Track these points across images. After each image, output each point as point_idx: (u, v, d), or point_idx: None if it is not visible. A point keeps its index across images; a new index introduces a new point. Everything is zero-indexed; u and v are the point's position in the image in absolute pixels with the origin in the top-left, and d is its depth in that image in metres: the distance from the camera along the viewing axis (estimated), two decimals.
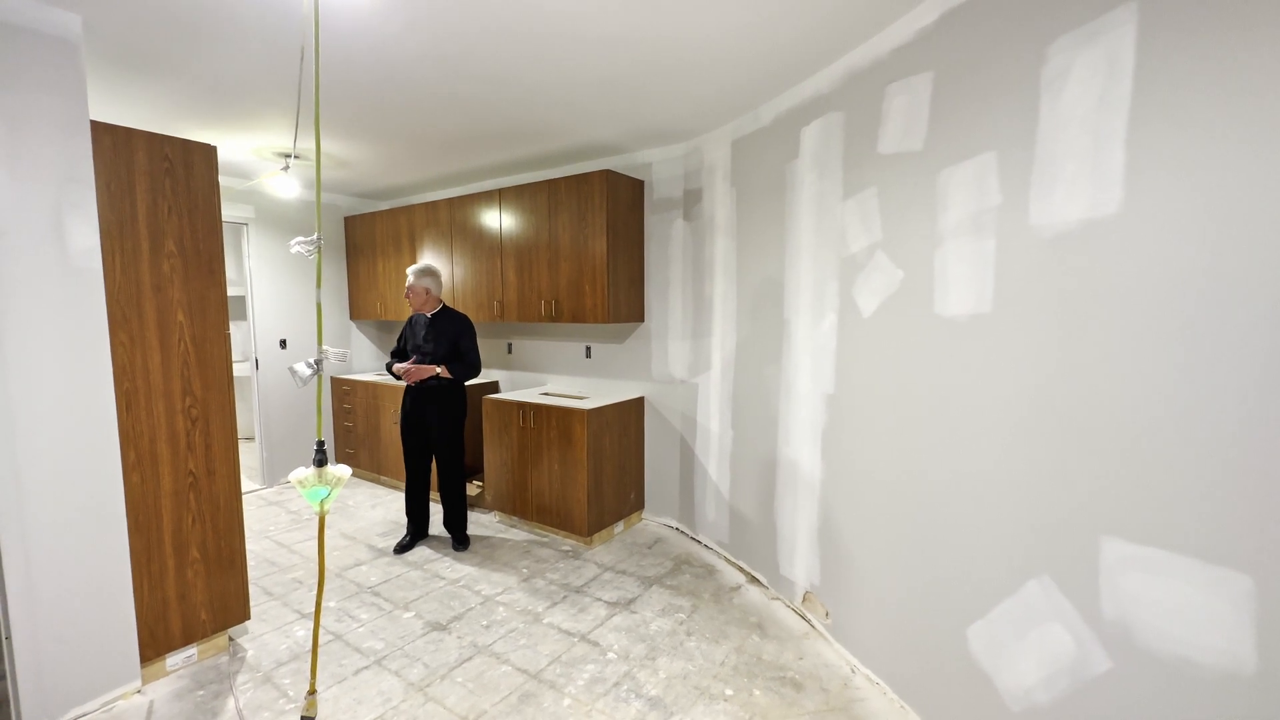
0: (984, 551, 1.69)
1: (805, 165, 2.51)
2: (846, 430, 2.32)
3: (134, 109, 2.69)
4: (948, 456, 1.82)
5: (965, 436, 1.75)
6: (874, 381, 2.15)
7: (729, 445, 3.20)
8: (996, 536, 1.65)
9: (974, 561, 1.73)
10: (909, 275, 1.96)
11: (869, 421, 2.19)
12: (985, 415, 1.68)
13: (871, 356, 2.16)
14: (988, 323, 1.66)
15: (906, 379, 1.98)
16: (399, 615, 2.67)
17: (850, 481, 2.31)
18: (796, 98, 2.54)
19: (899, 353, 2.01)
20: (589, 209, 3.35)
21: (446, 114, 2.88)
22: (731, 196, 3.06)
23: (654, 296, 3.63)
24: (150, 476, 2.13)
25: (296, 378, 0.98)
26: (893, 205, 2.02)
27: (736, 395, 3.12)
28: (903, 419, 2.01)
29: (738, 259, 3.04)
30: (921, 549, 1.94)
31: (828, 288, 2.39)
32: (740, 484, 3.12)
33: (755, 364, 2.94)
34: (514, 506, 3.67)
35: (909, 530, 1.99)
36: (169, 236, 2.13)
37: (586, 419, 3.27)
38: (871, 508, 2.18)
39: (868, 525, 2.21)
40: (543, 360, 4.25)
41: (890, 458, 2.08)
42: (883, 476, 2.12)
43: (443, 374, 3.23)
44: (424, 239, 4.29)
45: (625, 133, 3.20)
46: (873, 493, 2.18)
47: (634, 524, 3.75)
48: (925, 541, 1.92)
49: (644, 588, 2.93)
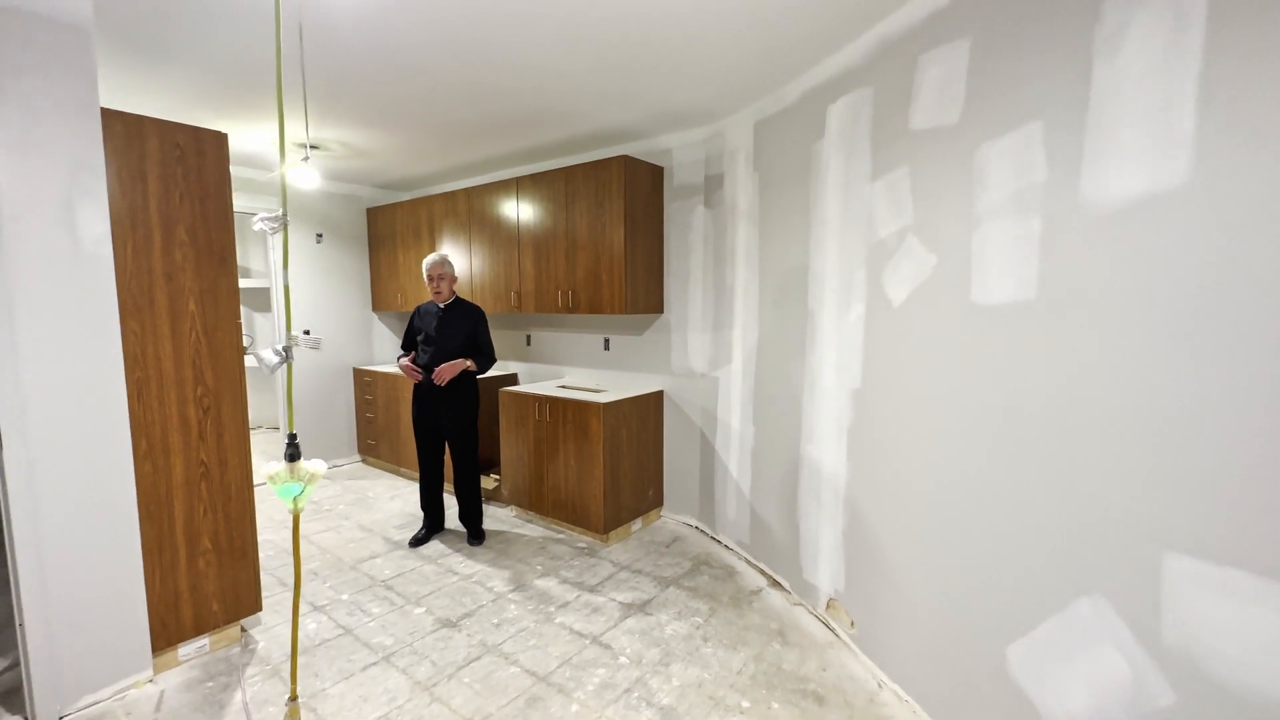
0: (1027, 563, 1.54)
1: (831, 146, 2.36)
2: (875, 428, 2.18)
3: (152, 97, 2.70)
4: (987, 458, 1.67)
5: (1007, 437, 1.60)
6: (905, 376, 2.00)
7: (750, 442, 3.07)
8: (1042, 547, 1.50)
9: (1016, 574, 1.58)
10: (943, 261, 1.81)
11: (899, 419, 2.04)
12: (1030, 413, 1.53)
13: (902, 349, 2.01)
14: (1032, 311, 1.50)
15: (941, 373, 1.83)
16: (410, 611, 2.63)
17: (879, 482, 2.17)
18: (823, 73, 2.39)
19: (932, 345, 1.86)
20: (606, 196, 3.25)
21: (461, 101, 2.81)
22: (754, 181, 2.93)
23: (674, 287, 3.52)
24: (162, 466, 2.12)
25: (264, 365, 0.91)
26: (925, 185, 1.87)
27: (758, 390, 2.99)
28: (936, 417, 1.86)
29: (760, 247, 2.91)
30: (957, 557, 1.79)
31: (855, 276, 2.24)
32: (762, 482, 2.99)
33: (778, 357, 2.81)
34: (530, 501, 3.62)
35: (944, 536, 1.85)
36: (180, 224, 2.11)
37: (603, 413, 3.18)
38: (902, 511, 2.04)
39: (898, 529, 2.07)
40: (561, 352, 4.18)
41: (923, 458, 1.93)
42: (914, 478, 1.97)
43: (471, 368, 3.19)
44: (443, 229, 4.26)
45: (644, 117, 3.09)
46: (903, 495, 2.03)
47: (652, 521, 3.66)
48: (962, 549, 1.78)
49: (660, 588, 2.84)
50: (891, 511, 2.10)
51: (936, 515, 1.87)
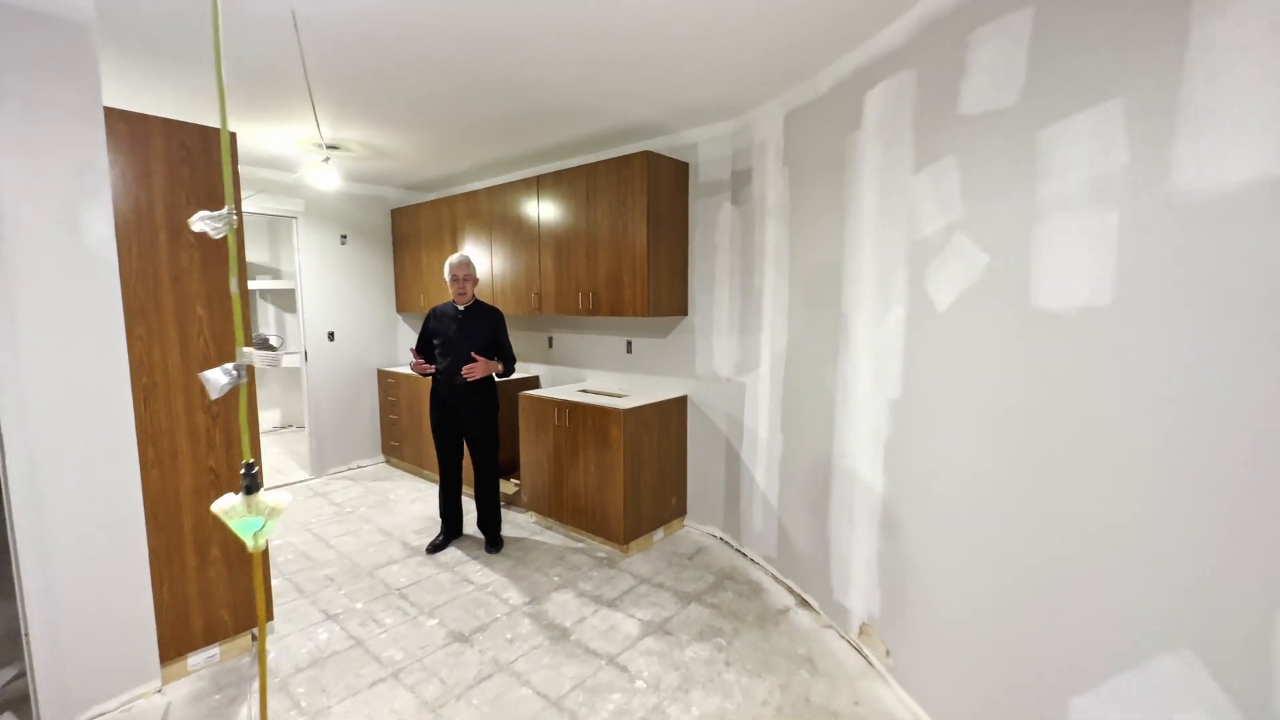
0: (1100, 607, 1.35)
1: (869, 136, 2.17)
2: (916, 442, 1.99)
3: (173, 98, 2.67)
4: (1051, 484, 1.48)
5: (1077, 462, 1.40)
6: (952, 387, 1.81)
7: (778, 451, 2.90)
8: (1119, 591, 1.31)
9: (1085, 618, 1.39)
10: (997, 260, 1.61)
11: (945, 434, 1.85)
12: (1101, 437, 1.33)
13: (948, 358, 1.82)
14: (1107, 318, 1.30)
15: (994, 387, 1.64)
16: (423, 622, 2.55)
17: (920, 502, 1.98)
18: (859, 58, 2.20)
19: (983, 354, 1.67)
20: (628, 194, 3.11)
21: (478, 98, 2.71)
22: (784, 176, 2.75)
23: (698, 288, 3.36)
24: (170, 473, 2.08)
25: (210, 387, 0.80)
26: (977, 176, 1.68)
27: (787, 397, 2.82)
28: (988, 434, 1.67)
29: (790, 246, 2.73)
30: (1013, 592, 1.60)
31: (894, 277, 2.05)
32: (790, 494, 2.82)
33: (809, 363, 2.63)
34: (550, 508, 3.52)
35: (998, 569, 1.66)
36: (187, 226, 2.06)
37: (623, 420, 3.05)
38: (948, 535, 1.85)
39: (943, 555, 1.88)
40: (583, 355, 4.06)
41: (971, 479, 1.74)
42: (962, 500, 1.78)
43: (499, 370, 3.12)
44: (464, 230, 4.19)
45: (668, 111, 2.94)
46: (949, 518, 1.84)
47: (675, 531, 3.51)
48: (1018, 584, 1.59)
49: (681, 605, 2.70)
50: (935, 535, 1.91)
51: (989, 545, 1.68)
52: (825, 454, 2.52)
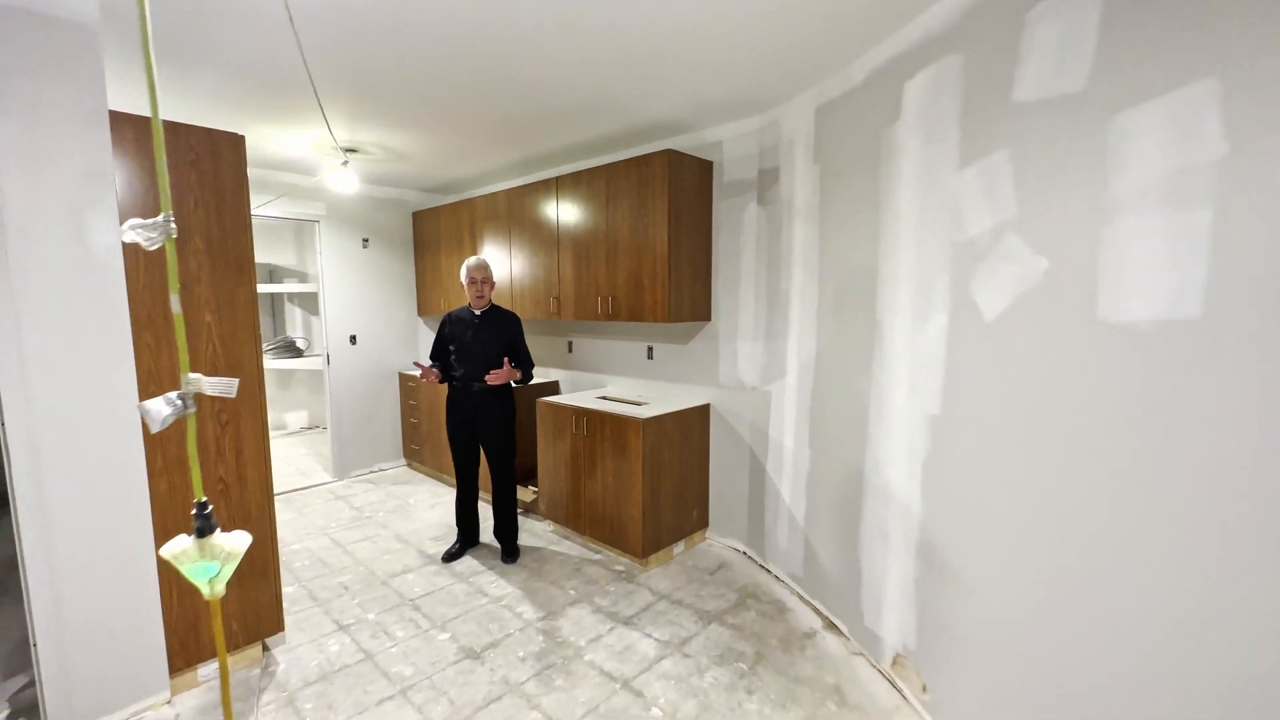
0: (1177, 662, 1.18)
1: (908, 129, 2.00)
2: (958, 462, 1.82)
3: (187, 102, 2.65)
4: (1118, 519, 1.31)
5: (1150, 496, 1.23)
6: (1000, 405, 1.64)
7: (805, 464, 2.74)
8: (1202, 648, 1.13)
9: (1154, 669, 1.21)
10: (1056, 265, 1.44)
11: (992, 456, 1.68)
12: (1185, 471, 1.16)
13: (996, 372, 1.65)
14: (1193, 333, 1.13)
15: (1051, 406, 1.47)
16: (434, 636, 2.48)
17: (963, 528, 1.81)
18: (898, 45, 2.04)
19: (1039, 370, 1.50)
20: (649, 195, 2.99)
21: (494, 97, 2.62)
22: (814, 174, 2.59)
23: (722, 292, 3.22)
24: (178, 483, 2.04)
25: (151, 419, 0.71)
26: (1034, 170, 1.51)
27: (815, 407, 2.66)
28: (1044, 459, 1.50)
29: (820, 248, 2.57)
30: (1069, 637, 1.43)
31: (936, 282, 1.89)
32: (818, 511, 2.66)
33: (839, 372, 2.47)
34: (567, 517, 3.42)
35: (1052, 607, 1.49)
36: (195, 232, 2.02)
37: (642, 429, 2.94)
38: (996, 566, 1.68)
39: (989, 588, 1.71)
40: (603, 360, 3.96)
41: (1024, 507, 1.57)
42: (1011, 529, 1.61)
43: (518, 377, 3.05)
44: (483, 232, 4.13)
45: (691, 107, 2.81)
46: (997, 547, 1.67)
47: (696, 544, 3.38)
48: (1076, 627, 1.41)
49: (701, 625, 2.56)
50: (980, 565, 1.74)
51: (1044, 582, 1.51)
52: (856, 469, 2.36)
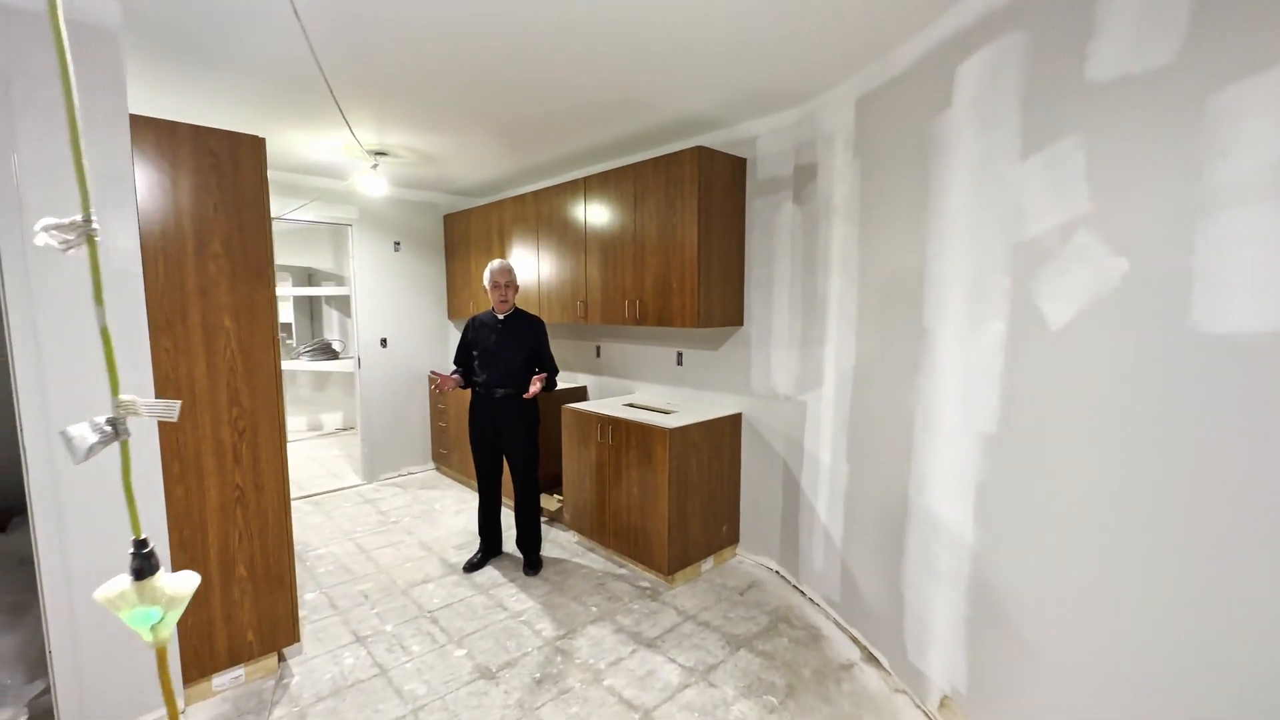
0: None
1: (960, 118, 1.82)
2: (1018, 489, 1.63)
3: (209, 106, 2.67)
4: (1221, 561, 1.11)
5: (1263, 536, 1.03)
6: (1068, 426, 1.45)
7: (843, 482, 2.56)
8: None
9: None
10: (1139, 266, 1.25)
11: (1058, 483, 1.49)
12: None
13: (1064, 388, 1.46)
14: None
15: (1134, 431, 1.28)
16: (450, 652, 2.40)
17: (1023, 563, 1.62)
18: (950, 25, 1.86)
19: (1117, 387, 1.31)
20: (678, 194, 2.86)
21: (521, 93, 2.54)
22: (854, 170, 2.42)
23: (755, 296, 3.06)
24: (195, 490, 2.02)
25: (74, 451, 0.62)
26: (1111, 159, 1.32)
27: (854, 420, 2.47)
28: (1123, 490, 1.30)
29: (860, 248, 2.39)
30: (1152, 697, 1.23)
31: (992, 285, 1.70)
32: (857, 532, 2.47)
33: (881, 383, 2.29)
34: (592, 528, 3.31)
35: (1133, 659, 1.29)
36: (215, 236, 2.00)
37: (669, 440, 2.80)
38: (1064, 610, 1.49)
39: (1055, 632, 1.51)
40: (631, 366, 3.84)
41: (1098, 542, 1.37)
42: (1083, 568, 1.42)
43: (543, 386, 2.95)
44: (512, 235, 4.07)
45: (723, 101, 2.67)
46: (1065, 588, 1.48)
47: (725, 560, 3.22)
48: (1160, 687, 1.21)
49: (729, 650, 2.41)
50: (1045, 607, 1.54)
51: (1122, 631, 1.31)
52: (900, 490, 2.17)
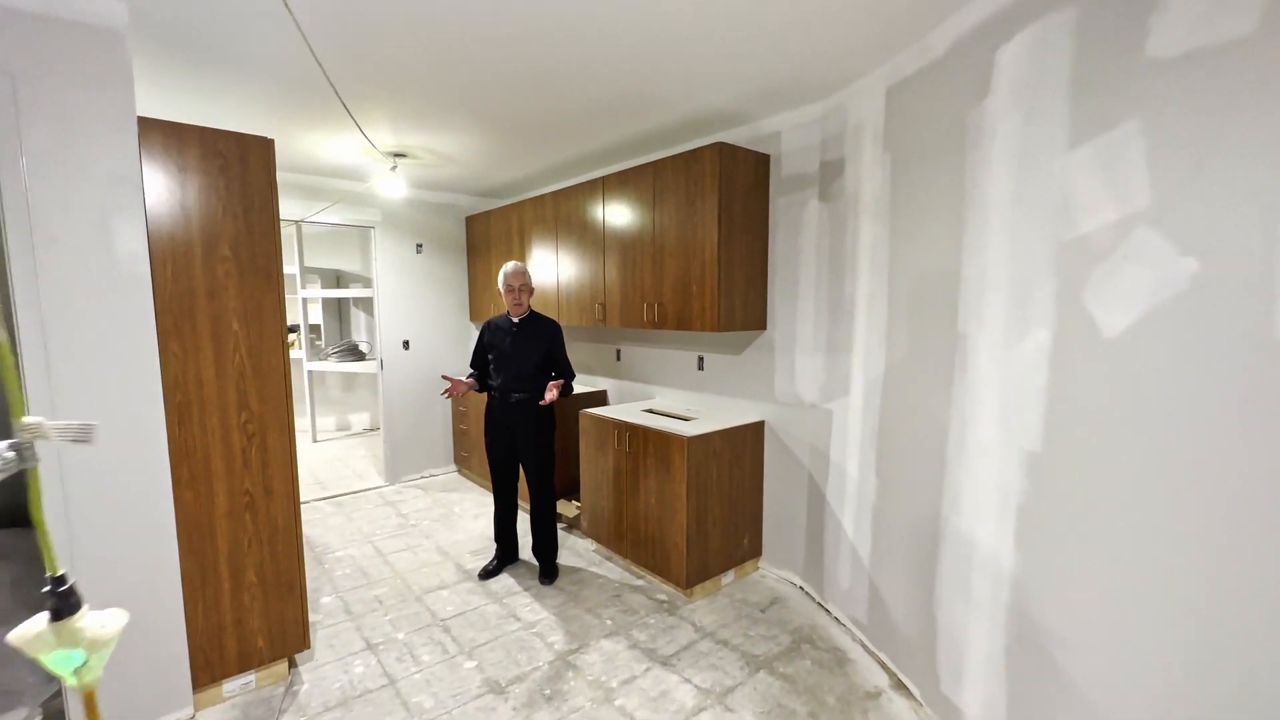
0: None
1: (1000, 106, 1.67)
2: (1065, 513, 1.47)
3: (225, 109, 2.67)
4: None
5: None
6: (1124, 445, 1.29)
7: (871, 496, 2.41)
8: None
9: None
10: (1211, 267, 1.10)
11: (1111, 508, 1.33)
12: None
13: (1120, 403, 1.30)
14: None
15: (1202, 451, 1.12)
16: (460, 664, 2.35)
17: (1071, 594, 1.46)
18: (988, 5, 1.71)
19: (1186, 404, 1.15)
20: (698, 193, 2.75)
21: (535, 90, 2.47)
22: (884, 164, 2.27)
23: (779, 298, 2.93)
24: (204, 495, 2.01)
25: None
26: (1176, 145, 1.16)
27: (884, 431, 2.32)
28: (1190, 519, 1.15)
29: (891, 249, 2.25)
30: None
31: (1035, 289, 1.55)
32: (886, 550, 2.32)
33: (912, 393, 2.14)
34: (609, 537, 3.23)
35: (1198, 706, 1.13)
36: (223, 239, 1.98)
37: (687, 448, 2.69)
38: (1119, 646, 1.33)
39: (1108, 671, 1.36)
40: (651, 370, 3.75)
41: (1158, 576, 1.22)
42: (1141, 603, 1.26)
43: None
44: (532, 236, 4.02)
45: (744, 94, 2.55)
46: (1120, 623, 1.33)
47: (747, 574, 3.09)
48: None
49: (748, 672, 2.29)
50: (1097, 644, 1.39)
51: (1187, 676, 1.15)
52: (932, 508, 2.02)
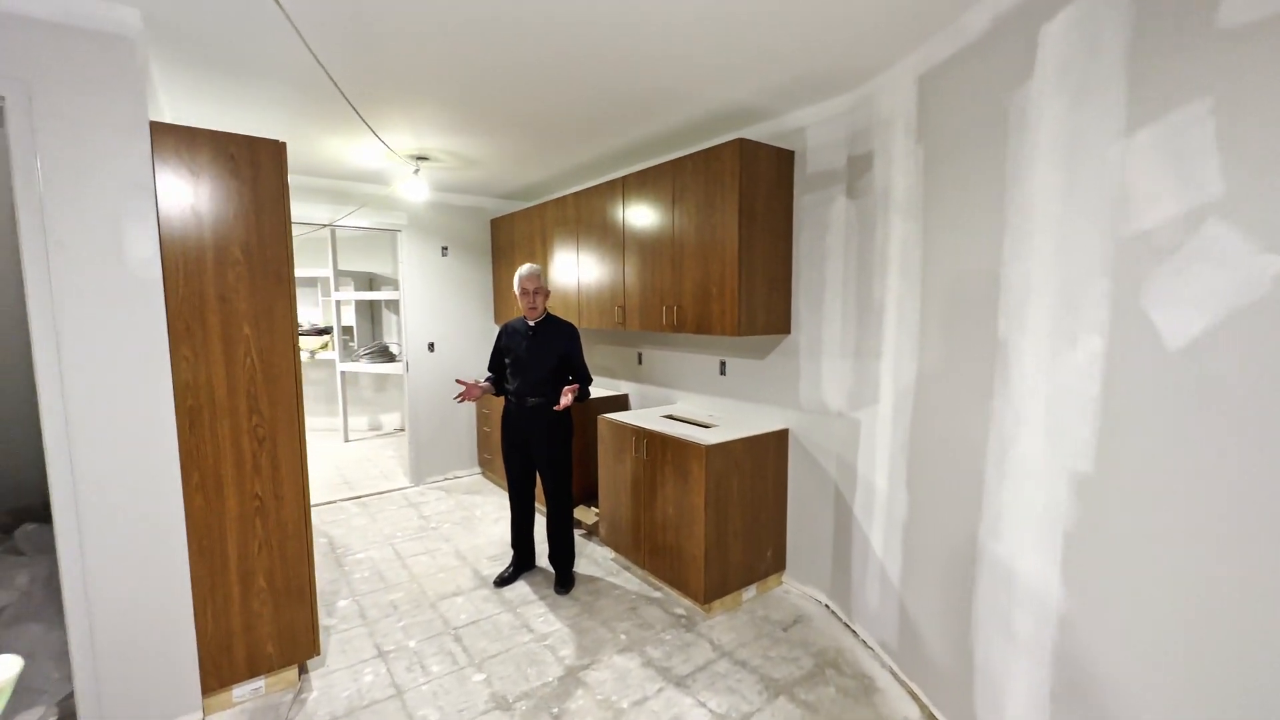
0: None
1: (1046, 88, 1.51)
2: (1120, 543, 1.31)
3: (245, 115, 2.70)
4: None
5: None
6: (1195, 470, 1.13)
7: (902, 513, 2.25)
8: None
9: None
10: None
11: (1183, 545, 1.17)
12: None
13: (1189, 420, 1.14)
14: None
15: None
16: (469, 676, 2.29)
17: (1128, 639, 1.30)
18: None
19: (1270, 420, 0.99)
20: (718, 191, 2.64)
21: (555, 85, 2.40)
22: (917, 158, 2.12)
23: (804, 301, 2.79)
24: (214, 499, 2.01)
25: None
26: (1254, 126, 1.00)
27: (915, 443, 2.17)
28: None
29: (923, 248, 2.09)
30: None
31: (1087, 290, 1.39)
32: (918, 572, 2.16)
33: (946, 403, 1.98)
34: (627, 546, 3.14)
35: None
36: (234, 242, 1.98)
37: (706, 457, 2.58)
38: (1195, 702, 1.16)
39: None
40: (673, 374, 3.64)
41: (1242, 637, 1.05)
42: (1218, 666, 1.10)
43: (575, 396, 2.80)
44: (553, 238, 3.98)
45: (768, 89, 2.43)
46: (1189, 685, 1.16)
47: (770, 589, 2.96)
48: None
49: (767, 697, 2.16)
50: (1155, 700, 1.22)
51: None
52: (968, 530, 1.85)
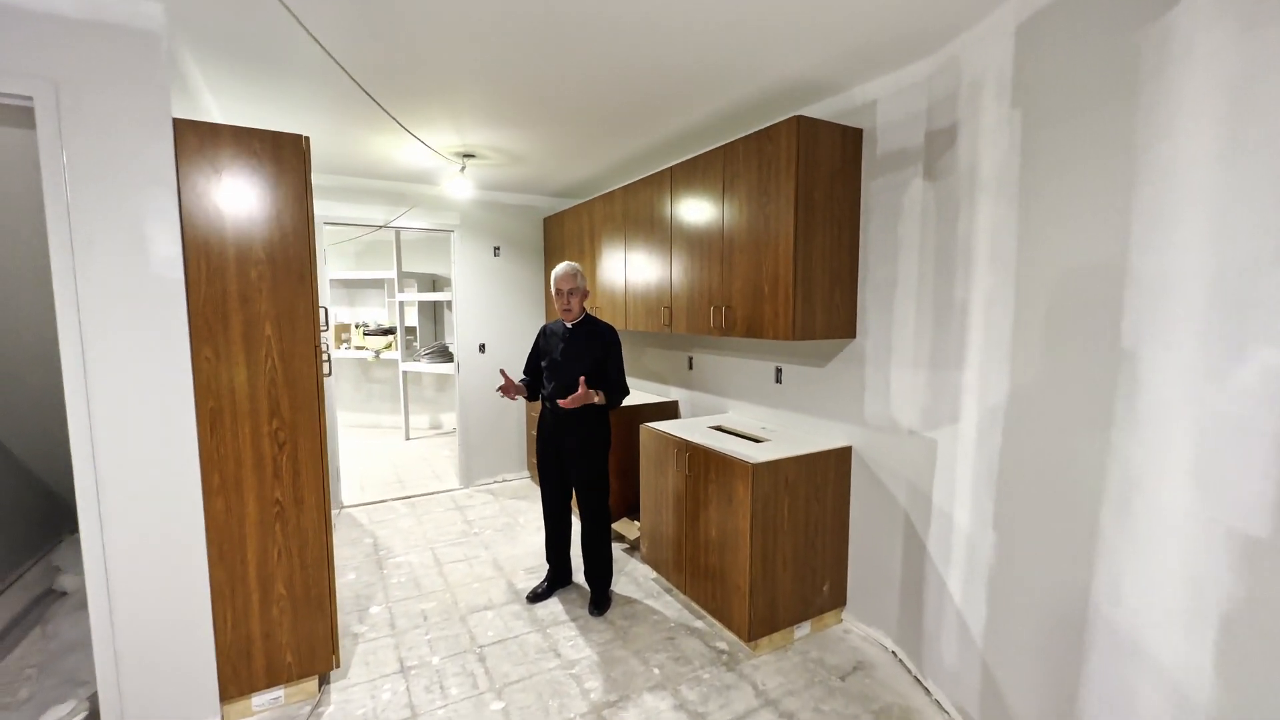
0: None
1: (1200, 14, 1.14)
2: None
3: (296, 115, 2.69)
4: None
5: None
6: None
7: (987, 555, 1.87)
8: None
9: None
10: None
11: None
12: None
13: None
14: None
15: None
16: (486, 704, 2.14)
17: None
18: None
19: None
20: (771, 178, 2.36)
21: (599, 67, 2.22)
22: (1013, 125, 1.75)
23: (872, 301, 2.44)
24: (234, 504, 1.96)
25: None
26: None
27: (1005, 475, 1.79)
28: None
29: (1019, 236, 1.72)
30: None
31: (1259, 285, 1.01)
32: (1007, 628, 1.78)
33: (1048, 428, 1.60)
34: (669, 567, 2.90)
35: None
36: (257, 241, 1.92)
37: (752, 476, 2.30)
38: None
39: None
40: (724, 381, 3.37)
41: None
42: None
43: (599, 401, 2.63)
44: (602, 235, 3.80)
45: (833, 57, 2.12)
46: None
47: (827, 626, 2.62)
48: None
49: None
50: None
51: None
52: (1078, 588, 1.48)
